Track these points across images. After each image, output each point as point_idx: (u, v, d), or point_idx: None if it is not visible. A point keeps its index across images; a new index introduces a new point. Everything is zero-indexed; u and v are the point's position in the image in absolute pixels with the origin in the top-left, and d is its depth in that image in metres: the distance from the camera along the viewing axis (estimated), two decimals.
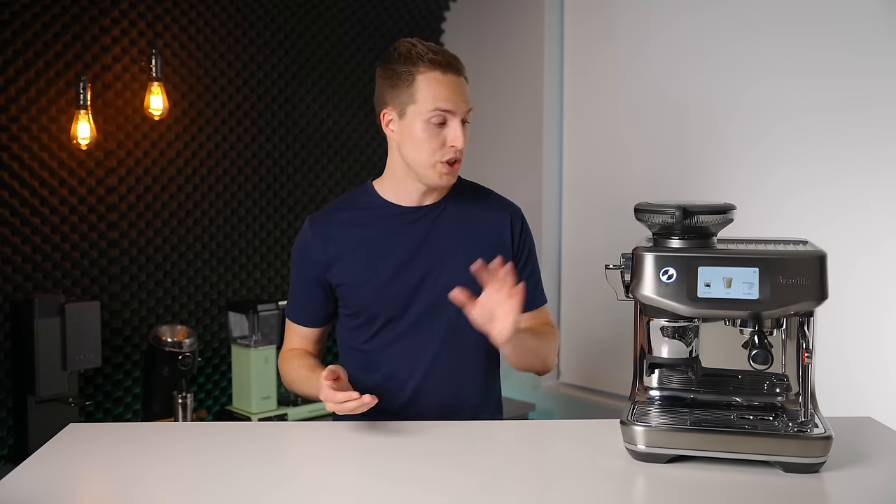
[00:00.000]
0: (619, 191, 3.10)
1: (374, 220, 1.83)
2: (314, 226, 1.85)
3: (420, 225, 1.83)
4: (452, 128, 1.72)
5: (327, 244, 1.82)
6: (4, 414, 2.65)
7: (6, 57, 2.64)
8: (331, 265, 1.82)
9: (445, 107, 1.72)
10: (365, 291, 1.81)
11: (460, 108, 1.73)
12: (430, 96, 1.72)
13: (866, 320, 2.45)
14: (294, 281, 1.90)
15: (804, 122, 2.59)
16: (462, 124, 1.74)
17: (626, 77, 3.09)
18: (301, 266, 1.87)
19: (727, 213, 1.47)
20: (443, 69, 1.72)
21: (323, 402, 1.63)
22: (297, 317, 1.90)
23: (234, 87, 3.15)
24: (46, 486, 1.38)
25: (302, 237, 1.86)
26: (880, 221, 2.43)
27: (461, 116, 1.73)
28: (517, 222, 1.90)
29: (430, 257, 1.81)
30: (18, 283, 2.67)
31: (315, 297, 1.86)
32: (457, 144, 1.73)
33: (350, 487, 1.38)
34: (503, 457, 1.54)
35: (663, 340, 1.55)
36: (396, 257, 1.81)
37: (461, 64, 1.78)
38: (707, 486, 1.35)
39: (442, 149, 1.73)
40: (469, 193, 1.90)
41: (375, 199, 1.85)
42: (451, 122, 1.72)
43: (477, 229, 1.85)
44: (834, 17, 2.52)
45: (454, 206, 1.86)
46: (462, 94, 1.74)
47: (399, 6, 3.60)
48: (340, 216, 1.86)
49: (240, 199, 3.18)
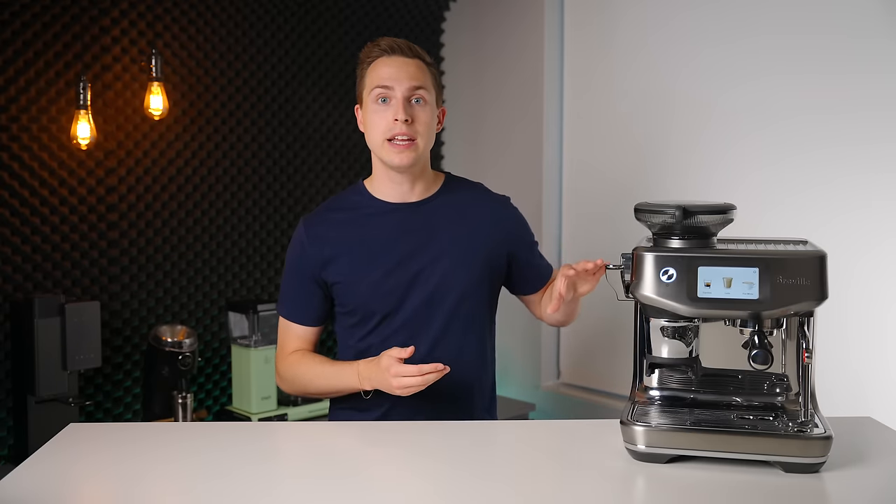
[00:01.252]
0: (619, 191, 3.10)
1: (366, 218, 1.86)
2: (308, 226, 1.88)
3: (412, 221, 1.85)
4: (394, 103, 1.79)
5: (322, 244, 1.85)
6: (4, 414, 2.65)
7: (6, 57, 2.64)
8: (326, 265, 1.84)
9: (384, 83, 1.79)
10: (360, 289, 1.83)
11: (400, 83, 1.79)
12: (374, 77, 1.81)
13: (866, 320, 2.45)
14: (288, 281, 1.92)
15: (804, 121, 2.59)
16: (409, 102, 1.79)
17: (626, 77, 3.09)
18: (296, 266, 1.88)
19: (727, 213, 1.47)
20: (388, 53, 1.82)
21: (378, 382, 1.68)
22: (296, 316, 1.91)
23: (234, 87, 3.16)
24: (46, 486, 1.38)
25: (296, 238, 1.89)
26: (881, 221, 2.43)
27: (402, 92, 1.78)
28: (507, 211, 1.94)
29: (423, 253, 1.83)
30: (18, 283, 2.67)
31: (313, 296, 1.88)
32: (398, 117, 1.77)
33: (350, 487, 1.38)
34: (503, 457, 1.54)
35: (663, 340, 1.55)
36: (390, 254, 1.83)
37: (414, 49, 1.85)
38: (707, 486, 1.35)
39: (388, 125, 1.79)
40: (458, 189, 1.93)
41: (366, 198, 1.89)
42: (392, 97, 1.79)
43: (470, 223, 1.88)
44: (834, 17, 2.52)
45: (445, 202, 1.88)
46: (405, 71, 1.80)
47: (399, 6, 3.60)
48: (333, 216, 1.89)
49: (240, 199, 3.18)
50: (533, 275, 1.96)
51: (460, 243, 1.85)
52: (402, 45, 1.82)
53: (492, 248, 1.88)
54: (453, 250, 1.84)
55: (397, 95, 1.78)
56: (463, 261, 1.84)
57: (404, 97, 1.78)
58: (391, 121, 1.78)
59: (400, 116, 1.77)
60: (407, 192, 1.86)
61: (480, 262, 1.86)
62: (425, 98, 1.81)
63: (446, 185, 1.92)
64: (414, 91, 1.79)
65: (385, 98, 1.79)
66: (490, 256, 1.88)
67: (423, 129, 1.80)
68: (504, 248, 1.90)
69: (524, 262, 1.94)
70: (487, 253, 1.87)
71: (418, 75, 1.80)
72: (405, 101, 1.78)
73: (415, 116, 1.79)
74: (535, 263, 1.97)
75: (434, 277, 1.82)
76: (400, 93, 1.78)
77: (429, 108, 1.82)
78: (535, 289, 1.97)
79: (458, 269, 1.84)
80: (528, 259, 1.95)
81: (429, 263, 1.82)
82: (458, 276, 1.84)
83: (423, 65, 1.83)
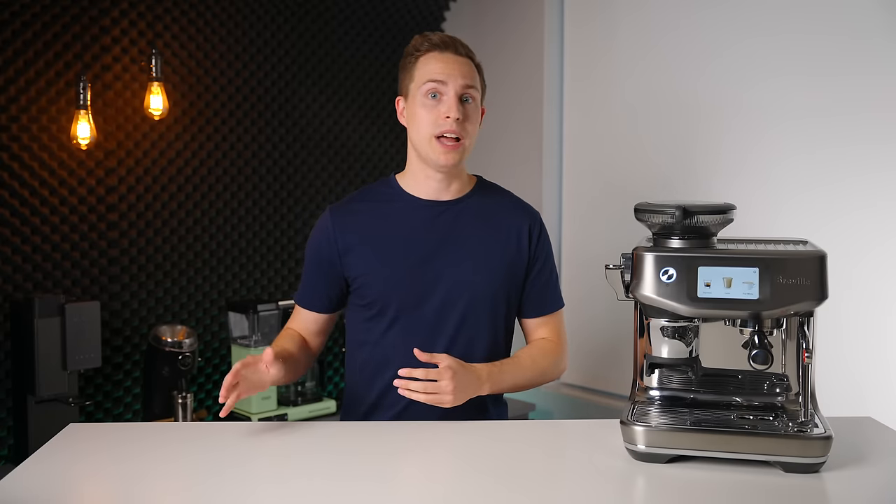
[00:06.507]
0: (619, 191, 3.10)
1: (394, 211, 1.86)
2: (334, 215, 1.87)
3: (440, 220, 1.84)
4: (446, 100, 1.77)
5: (346, 233, 1.84)
6: (4, 414, 2.65)
7: (6, 57, 2.64)
8: (347, 253, 1.84)
9: (437, 77, 1.77)
10: (379, 282, 1.82)
11: (454, 79, 1.77)
12: (425, 71, 1.79)
13: (866, 320, 2.45)
14: (307, 267, 1.93)
15: (804, 122, 2.59)
16: (460, 101, 1.77)
17: (626, 77, 3.09)
18: (316, 252, 1.89)
19: (727, 213, 1.47)
20: (440, 49, 1.80)
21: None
22: (303, 300, 1.92)
23: (234, 87, 3.16)
24: (46, 486, 1.38)
25: (321, 225, 1.89)
26: (881, 222, 2.43)
27: (455, 89, 1.77)
28: (535, 228, 1.91)
29: (447, 253, 1.82)
30: (18, 283, 2.67)
31: (324, 283, 1.88)
32: (451, 115, 1.75)
33: (350, 487, 1.38)
34: (503, 456, 1.54)
35: (663, 340, 1.55)
36: (413, 251, 1.82)
37: (465, 48, 1.83)
38: (707, 486, 1.35)
39: (437, 122, 1.77)
40: (490, 194, 1.92)
41: (397, 191, 1.88)
42: (444, 94, 1.77)
43: (495, 231, 1.87)
44: (835, 18, 2.52)
45: (475, 205, 1.88)
46: (457, 68, 1.78)
47: (399, 6, 3.60)
48: (361, 207, 1.88)
49: (240, 199, 3.18)
50: (535, 298, 1.92)
51: (486, 247, 1.84)
52: (455, 41, 1.82)
53: (515, 258, 1.87)
54: (478, 253, 1.83)
55: (450, 92, 1.77)
56: (486, 265, 1.83)
57: (457, 94, 1.77)
58: (442, 117, 1.76)
59: (453, 114, 1.75)
60: (442, 189, 1.85)
61: (503, 269, 1.85)
62: (475, 97, 1.80)
63: (478, 188, 1.91)
64: (466, 89, 1.78)
65: (436, 93, 1.77)
66: (512, 264, 1.86)
67: (472, 129, 1.80)
68: (525, 261, 1.88)
69: (532, 282, 1.91)
70: (511, 261, 1.86)
71: (470, 74, 1.80)
72: (458, 98, 1.77)
73: (466, 115, 1.78)
74: (540, 287, 1.92)
75: (455, 277, 1.81)
76: (453, 90, 1.77)
77: (476, 107, 1.81)
78: (531, 313, 1.93)
79: (480, 272, 1.83)
80: (536, 281, 1.91)
81: (452, 263, 1.82)
82: (479, 279, 1.83)
83: (472, 63, 1.83)
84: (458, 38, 1.83)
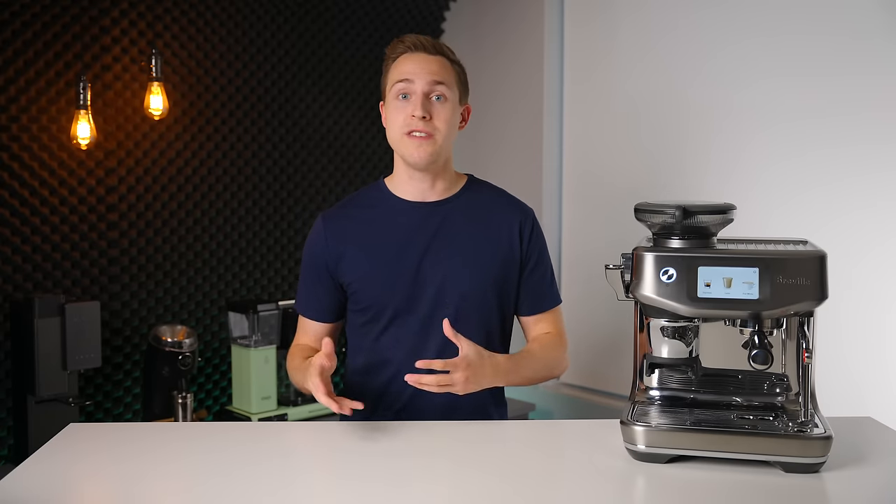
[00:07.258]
0: (619, 191, 3.10)
1: (383, 215, 1.86)
2: (326, 222, 1.88)
3: (429, 221, 1.84)
4: (412, 99, 1.78)
5: (339, 240, 1.85)
6: (4, 414, 2.65)
7: (6, 57, 2.64)
8: (341, 260, 1.85)
9: (404, 76, 1.79)
10: (374, 286, 1.83)
11: (420, 77, 1.78)
12: (396, 73, 1.81)
13: (866, 320, 2.45)
14: (304, 276, 1.93)
15: (804, 122, 2.59)
16: (428, 98, 1.78)
17: (626, 77, 3.09)
18: (312, 261, 1.89)
19: (727, 213, 1.47)
20: (412, 50, 1.82)
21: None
22: (308, 310, 1.92)
23: (234, 87, 3.16)
24: (46, 486, 1.38)
25: (314, 233, 1.90)
26: (881, 222, 2.43)
27: (422, 87, 1.78)
28: (528, 224, 1.90)
29: (438, 252, 1.83)
30: (18, 283, 2.67)
31: (326, 291, 1.89)
32: (416, 113, 1.76)
33: (351, 487, 1.38)
34: (503, 456, 1.54)
35: (663, 340, 1.55)
36: (403, 253, 1.82)
37: (439, 46, 1.84)
38: (707, 486, 1.35)
39: (406, 120, 1.78)
40: (481, 192, 1.92)
41: (385, 195, 1.89)
42: (412, 93, 1.78)
43: (486, 228, 1.86)
44: (835, 18, 2.52)
45: (464, 204, 1.88)
46: (426, 66, 1.80)
47: (399, 6, 3.60)
48: (352, 212, 1.89)
49: (240, 199, 3.18)
50: (531, 295, 1.91)
51: (476, 245, 1.84)
52: (425, 41, 1.82)
53: (507, 255, 1.86)
54: (468, 252, 1.83)
55: (417, 91, 1.78)
56: (476, 262, 1.83)
57: (423, 93, 1.78)
58: (409, 116, 1.77)
59: (417, 112, 1.76)
60: (426, 190, 1.85)
61: (495, 267, 1.84)
62: (446, 95, 1.80)
63: (469, 187, 1.91)
64: (434, 86, 1.79)
65: (406, 94, 1.79)
66: (505, 261, 1.86)
67: (442, 126, 1.79)
68: (518, 258, 1.88)
69: (526, 279, 1.90)
70: (503, 258, 1.85)
71: (439, 72, 1.80)
72: (424, 97, 1.78)
73: (433, 113, 1.78)
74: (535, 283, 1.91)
75: (445, 277, 1.81)
76: (419, 88, 1.77)
77: (449, 105, 1.81)
78: (528, 311, 1.92)
79: (472, 270, 1.83)
80: (530, 277, 1.90)
81: (441, 263, 1.82)
82: (470, 276, 1.82)
83: (447, 62, 1.83)
84: (437, 41, 1.84)
